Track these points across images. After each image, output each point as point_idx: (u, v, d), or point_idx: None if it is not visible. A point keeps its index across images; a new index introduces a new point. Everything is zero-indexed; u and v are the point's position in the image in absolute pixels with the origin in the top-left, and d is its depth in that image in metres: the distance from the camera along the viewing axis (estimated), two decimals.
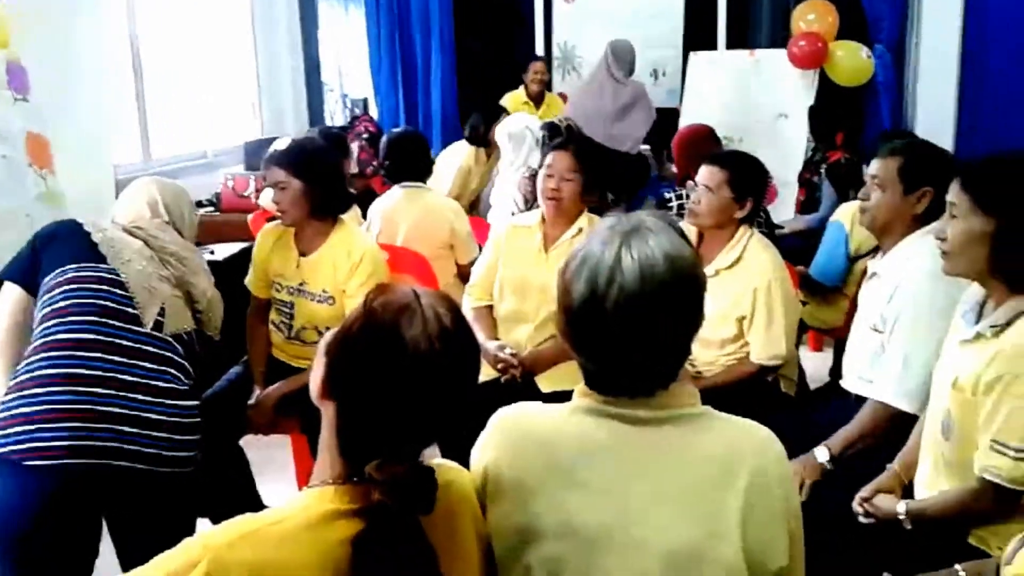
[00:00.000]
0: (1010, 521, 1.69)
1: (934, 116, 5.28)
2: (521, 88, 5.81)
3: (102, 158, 4.00)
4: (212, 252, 3.92)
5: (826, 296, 3.39)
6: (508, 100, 5.66)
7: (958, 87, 5.25)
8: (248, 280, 2.96)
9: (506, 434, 1.30)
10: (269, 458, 2.85)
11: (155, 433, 2.01)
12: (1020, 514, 1.67)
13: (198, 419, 2.15)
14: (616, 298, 1.16)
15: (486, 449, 1.30)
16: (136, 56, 4.65)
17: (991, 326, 1.76)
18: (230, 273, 3.11)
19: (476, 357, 1.22)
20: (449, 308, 1.16)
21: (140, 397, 2.02)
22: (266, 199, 4.13)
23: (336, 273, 2.75)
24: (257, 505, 2.68)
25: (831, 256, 3.28)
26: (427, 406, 1.14)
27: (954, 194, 1.82)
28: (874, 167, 2.41)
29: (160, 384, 2.08)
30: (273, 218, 2.93)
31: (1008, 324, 1.74)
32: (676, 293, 1.18)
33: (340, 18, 6.62)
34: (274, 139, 4.40)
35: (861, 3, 5.41)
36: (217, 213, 4.67)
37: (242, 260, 3.21)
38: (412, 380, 1.12)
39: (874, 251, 2.72)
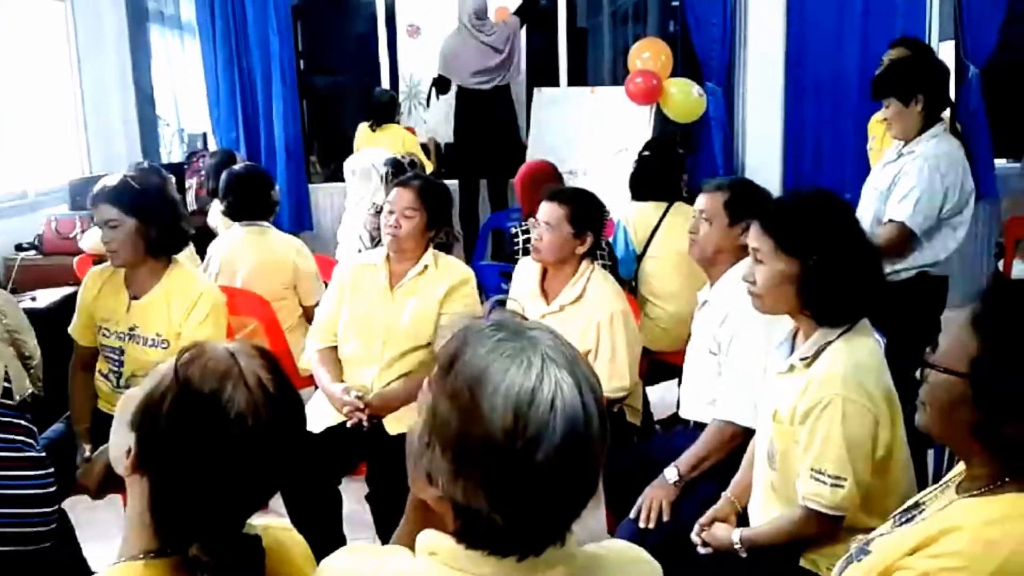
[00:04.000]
0: (837, 543, 1.77)
1: (762, 149, 5.60)
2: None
3: None
4: (34, 299, 3.67)
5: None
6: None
7: (783, 122, 5.59)
8: (72, 327, 2.79)
9: None
10: (95, 519, 2.65)
11: (13, 510, 1.87)
12: (846, 534, 1.74)
13: (55, 488, 2.01)
14: (564, 431, 0.94)
15: None
16: None
17: (801, 358, 1.86)
18: (54, 321, 2.92)
19: (302, 416, 1.16)
20: (270, 368, 1.10)
21: None
22: (89, 241, 3.91)
23: (171, 315, 2.64)
24: (83, 573, 2.49)
25: (622, 251, 3.63)
26: (254, 476, 1.08)
27: (756, 239, 1.90)
28: (701, 202, 2.55)
29: (13, 455, 1.93)
30: (100, 260, 2.77)
31: (817, 355, 1.83)
32: (603, 422, 0.99)
33: (175, 48, 6.38)
34: (103, 177, 4.17)
35: (693, 43, 5.69)
36: (39, 257, 4.38)
37: (67, 307, 3.01)
38: (237, 452, 1.05)
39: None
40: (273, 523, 1.22)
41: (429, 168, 5.40)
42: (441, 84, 5.91)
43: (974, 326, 1.27)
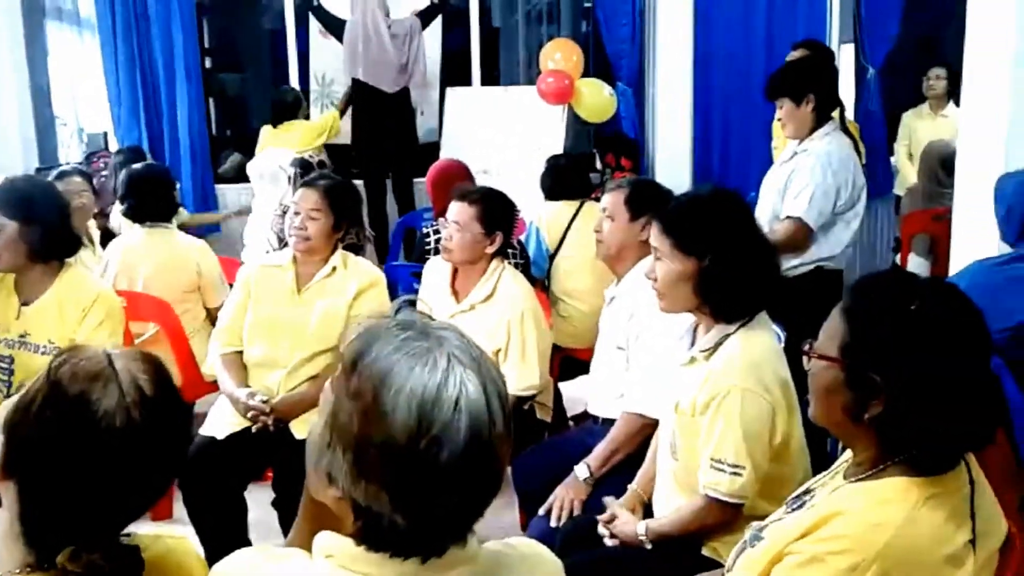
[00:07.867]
0: (737, 530, 1.80)
1: (672, 149, 5.69)
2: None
3: None
4: None
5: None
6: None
7: (691, 122, 5.70)
8: None
9: None
10: None
11: None
12: (746, 522, 1.78)
13: None
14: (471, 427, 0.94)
15: None
16: None
17: (702, 350, 1.90)
18: None
19: (184, 422, 1.13)
20: (149, 370, 1.06)
21: None
22: None
23: (64, 321, 2.55)
24: None
25: (535, 251, 3.70)
26: (126, 484, 1.04)
27: (656, 238, 1.95)
28: (604, 201, 2.61)
29: None
30: None
31: (716, 347, 1.87)
32: (508, 422, 0.99)
33: (73, 44, 6.15)
34: None
35: (603, 44, 5.76)
36: None
37: None
38: (107, 458, 1.01)
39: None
40: (166, 533, 1.17)
41: None
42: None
43: (843, 315, 1.34)
